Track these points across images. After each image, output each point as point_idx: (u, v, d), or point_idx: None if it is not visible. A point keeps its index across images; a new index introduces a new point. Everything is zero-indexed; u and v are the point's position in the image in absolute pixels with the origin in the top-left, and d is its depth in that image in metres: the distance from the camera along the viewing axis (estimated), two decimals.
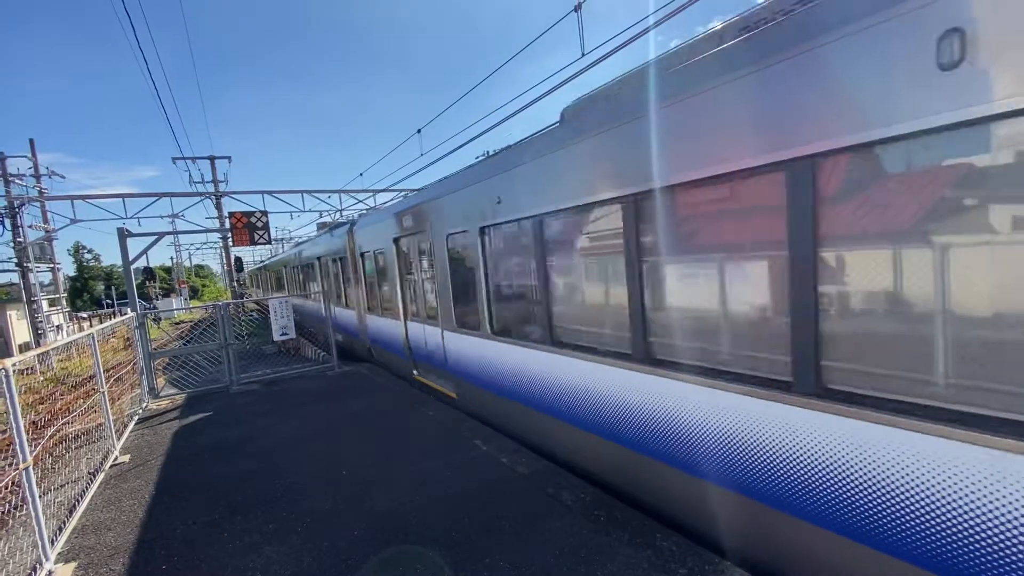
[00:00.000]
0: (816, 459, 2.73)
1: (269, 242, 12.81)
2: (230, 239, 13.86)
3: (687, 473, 3.57)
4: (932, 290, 2.27)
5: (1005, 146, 2.00)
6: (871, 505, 2.52)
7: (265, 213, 12.76)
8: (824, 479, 2.71)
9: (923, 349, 2.32)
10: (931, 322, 2.29)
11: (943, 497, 2.24)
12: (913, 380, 2.36)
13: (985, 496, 2.11)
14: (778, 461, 2.93)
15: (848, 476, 2.59)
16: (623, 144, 3.74)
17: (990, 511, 2.10)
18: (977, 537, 2.16)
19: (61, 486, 5.28)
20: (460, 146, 11.97)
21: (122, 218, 20.03)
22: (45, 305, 23.70)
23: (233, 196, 22.82)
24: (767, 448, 2.98)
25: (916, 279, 2.34)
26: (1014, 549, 2.05)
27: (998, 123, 1.97)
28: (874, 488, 2.49)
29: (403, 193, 20.60)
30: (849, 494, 2.60)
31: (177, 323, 37.20)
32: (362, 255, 10.70)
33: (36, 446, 4.46)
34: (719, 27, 3.53)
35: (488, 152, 7.03)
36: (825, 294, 2.65)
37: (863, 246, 2.53)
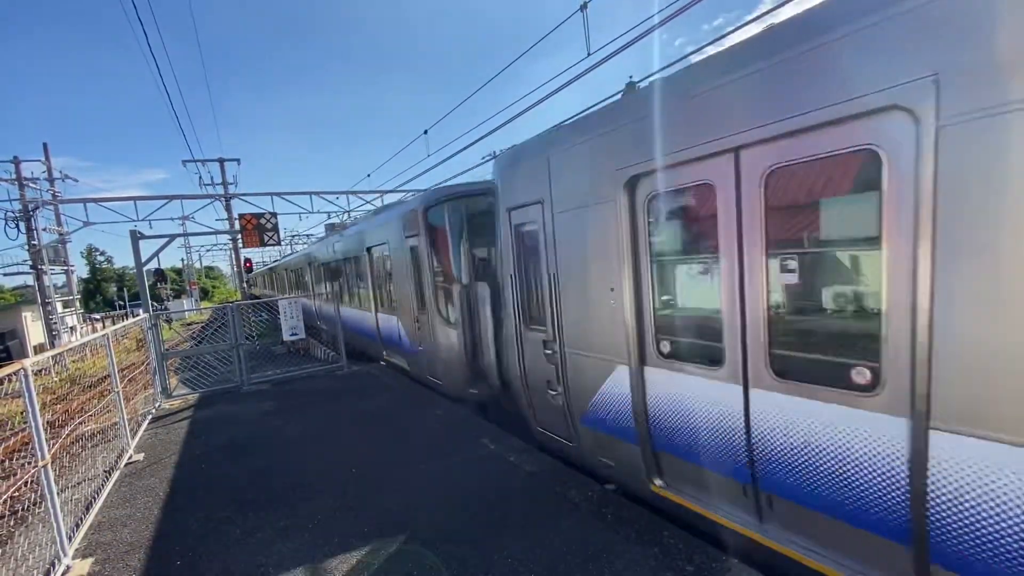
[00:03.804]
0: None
1: (279, 243, 12.92)
2: (240, 241, 14.02)
3: None
4: None
5: None
6: None
7: (274, 215, 12.88)
8: None
9: None
10: None
11: None
12: None
13: None
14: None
15: None
16: None
17: None
18: None
19: (78, 484, 5.38)
20: (467, 146, 12.06)
21: (133, 220, 20.33)
22: (59, 307, 24.02)
23: (242, 198, 23.06)
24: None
25: None
26: None
27: None
28: None
29: (410, 194, 20.65)
30: None
31: (188, 324, 37.66)
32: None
33: (53, 444, 4.54)
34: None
35: (494, 153, 7.10)
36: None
37: None
